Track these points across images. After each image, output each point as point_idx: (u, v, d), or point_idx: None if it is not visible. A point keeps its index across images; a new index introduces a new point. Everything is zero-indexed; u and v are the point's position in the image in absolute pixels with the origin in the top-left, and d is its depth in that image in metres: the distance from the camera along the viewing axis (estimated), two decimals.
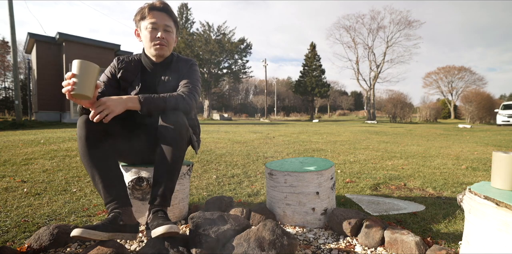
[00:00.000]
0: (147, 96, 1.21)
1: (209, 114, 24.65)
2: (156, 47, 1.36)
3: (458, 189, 2.24)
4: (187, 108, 1.29)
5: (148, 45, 1.37)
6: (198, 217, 1.12)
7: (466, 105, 23.84)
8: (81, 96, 1.03)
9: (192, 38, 23.98)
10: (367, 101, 27.58)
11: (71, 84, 1.00)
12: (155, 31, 1.35)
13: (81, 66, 1.01)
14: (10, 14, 10.22)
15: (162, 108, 1.23)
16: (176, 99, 1.26)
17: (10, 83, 30.68)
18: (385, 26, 30.83)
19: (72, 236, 0.99)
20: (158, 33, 1.35)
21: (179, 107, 1.26)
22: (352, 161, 3.52)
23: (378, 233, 1.26)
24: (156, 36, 1.34)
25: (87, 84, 1.02)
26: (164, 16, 1.36)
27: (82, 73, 1.01)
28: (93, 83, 1.04)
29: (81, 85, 1.01)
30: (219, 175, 2.65)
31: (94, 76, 1.04)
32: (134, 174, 1.47)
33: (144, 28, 1.36)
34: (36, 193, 1.95)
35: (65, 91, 1.02)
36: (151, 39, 1.35)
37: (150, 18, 1.33)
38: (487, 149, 4.83)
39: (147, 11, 1.33)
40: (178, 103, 1.26)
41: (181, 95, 1.29)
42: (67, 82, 1.01)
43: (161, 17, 1.35)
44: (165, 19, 1.36)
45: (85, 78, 1.01)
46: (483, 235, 0.81)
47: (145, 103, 1.19)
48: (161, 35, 1.34)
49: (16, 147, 3.58)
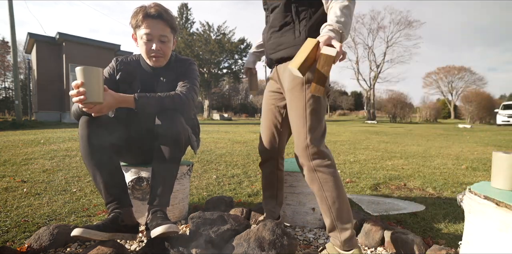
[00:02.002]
0: (142, 95, 1.20)
1: (209, 114, 24.65)
2: (152, 59, 1.33)
3: (458, 189, 2.24)
4: (184, 108, 1.28)
5: (144, 56, 1.35)
6: (198, 217, 1.12)
7: (466, 105, 23.85)
8: (94, 103, 1.04)
9: (192, 38, 23.97)
10: (367, 101, 27.58)
11: (82, 93, 1.00)
12: (150, 43, 1.30)
13: (86, 73, 1.00)
14: (10, 14, 10.21)
15: (158, 107, 1.22)
16: (172, 98, 1.24)
17: (10, 83, 30.69)
18: (385, 26, 30.92)
19: (73, 236, 0.99)
20: (153, 44, 1.30)
21: (175, 107, 1.25)
22: (352, 161, 3.52)
23: (378, 233, 1.26)
24: (151, 48, 1.30)
25: (97, 90, 1.02)
26: (160, 24, 1.29)
27: (89, 81, 1.00)
28: (101, 87, 1.04)
29: (91, 93, 1.01)
30: (219, 175, 2.65)
31: (100, 80, 1.03)
32: (134, 174, 1.47)
33: (139, 38, 1.31)
34: (36, 193, 1.95)
35: (77, 101, 1.01)
36: (147, 52, 1.32)
37: (145, 27, 1.28)
38: (487, 149, 4.84)
39: (141, 19, 1.27)
40: (175, 102, 1.24)
41: (178, 94, 1.27)
42: (76, 91, 1.00)
43: (156, 26, 1.28)
44: (160, 28, 1.29)
45: (93, 85, 1.01)
46: (483, 235, 0.81)
47: (140, 102, 1.18)
48: (156, 47, 1.29)
49: (16, 147, 3.58)
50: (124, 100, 1.16)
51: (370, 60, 29.04)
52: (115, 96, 1.14)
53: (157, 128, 1.22)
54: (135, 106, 1.19)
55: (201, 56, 23.21)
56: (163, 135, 1.21)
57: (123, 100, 1.16)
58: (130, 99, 1.17)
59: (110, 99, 1.11)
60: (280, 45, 1.18)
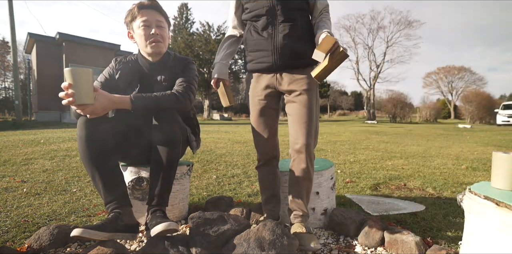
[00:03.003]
0: (138, 96, 1.20)
1: (209, 114, 24.62)
2: (152, 45, 1.35)
3: (458, 189, 2.24)
4: (181, 107, 1.28)
5: (143, 44, 1.36)
6: (198, 217, 1.12)
7: (466, 105, 23.83)
8: (84, 104, 1.03)
9: (192, 38, 23.94)
10: (367, 101, 27.56)
11: (70, 95, 0.99)
12: (148, 29, 1.34)
13: (74, 75, 0.99)
14: (10, 14, 10.21)
15: (154, 107, 1.22)
16: (169, 98, 1.24)
17: (10, 83, 30.68)
18: (385, 26, 30.84)
19: (72, 236, 0.99)
20: (151, 30, 1.34)
21: (172, 106, 1.25)
22: (352, 161, 3.53)
23: (378, 233, 1.26)
24: (150, 33, 1.34)
25: (86, 91, 1.01)
26: (154, 12, 1.36)
27: (78, 82, 0.99)
28: (91, 89, 1.03)
29: (80, 95, 1.00)
30: (219, 175, 2.65)
31: (89, 82, 1.02)
32: (134, 174, 1.47)
33: (136, 28, 1.35)
34: (36, 193, 1.95)
35: (66, 104, 1.01)
36: (146, 37, 1.34)
37: (141, 17, 1.33)
38: (487, 149, 4.84)
39: (136, 11, 1.33)
40: (171, 102, 1.24)
41: (174, 93, 1.27)
42: (65, 93, 1.00)
43: (151, 14, 1.35)
44: (156, 15, 1.36)
45: (82, 86, 1.00)
46: (483, 235, 0.81)
47: (136, 102, 1.18)
48: (155, 31, 1.34)
49: (16, 147, 3.58)
50: (120, 101, 1.16)
51: (370, 60, 29.02)
52: (110, 97, 1.13)
53: (154, 127, 1.22)
54: (131, 107, 1.18)
55: (201, 56, 23.17)
56: (160, 134, 1.21)
57: (119, 101, 1.16)
58: (126, 100, 1.17)
59: (103, 101, 1.10)
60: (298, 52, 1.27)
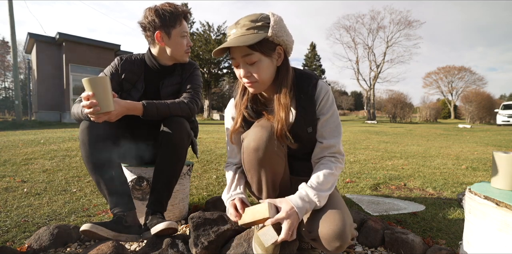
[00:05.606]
0: (150, 102, 1.22)
1: (209, 114, 24.62)
2: (187, 54, 1.42)
3: (458, 189, 2.24)
4: (189, 114, 1.32)
5: (180, 52, 1.39)
6: (198, 217, 1.12)
7: (466, 105, 23.85)
8: (106, 112, 1.04)
9: (192, 38, 23.96)
10: (367, 101, 27.56)
11: (95, 104, 0.99)
12: (186, 39, 1.40)
13: (94, 84, 0.99)
14: (10, 14, 10.22)
15: (166, 115, 1.25)
16: (179, 106, 1.28)
17: (10, 83, 30.71)
18: (385, 26, 30.79)
19: (81, 231, 1.04)
20: (188, 40, 1.41)
21: (182, 114, 1.28)
22: (352, 161, 3.52)
23: (378, 233, 1.26)
24: (188, 44, 1.40)
25: (107, 99, 1.02)
26: (186, 24, 1.41)
27: (99, 91, 1.00)
28: (111, 96, 1.04)
29: (103, 103, 1.01)
30: (219, 175, 2.65)
31: (108, 89, 1.03)
32: (134, 174, 1.47)
33: (177, 35, 1.35)
34: (36, 193, 1.95)
35: (92, 113, 1.01)
36: (185, 47, 1.39)
37: (183, 26, 1.37)
38: (487, 149, 4.84)
39: (182, 19, 1.36)
40: (182, 110, 1.28)
41: (183, 102, 1.31)
42: (88, 103, 0.99)
43: (185, 25, 1.39)
44: (187, 26, 1.41)
45: (104, 95, 1.01)
46: (483, 235, 0.81)
47: (148, 109, 1.20)
48: (189, 43, 1.41)
49: (16, 147, 3.58)
50: (132, 107, 1.17)
51: (370, 60, 29.01)
52: (122, 104, 1.13)
53: (162, 134, 1.23)
54: (143, 114, 1.19)
55: (201, 56, 23.18)
56: (167, 141, 1.23)
57: (132, 108, 1.17)
58: (138, 106, 1.18)
59: (117, 107, 1.11)
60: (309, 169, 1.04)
